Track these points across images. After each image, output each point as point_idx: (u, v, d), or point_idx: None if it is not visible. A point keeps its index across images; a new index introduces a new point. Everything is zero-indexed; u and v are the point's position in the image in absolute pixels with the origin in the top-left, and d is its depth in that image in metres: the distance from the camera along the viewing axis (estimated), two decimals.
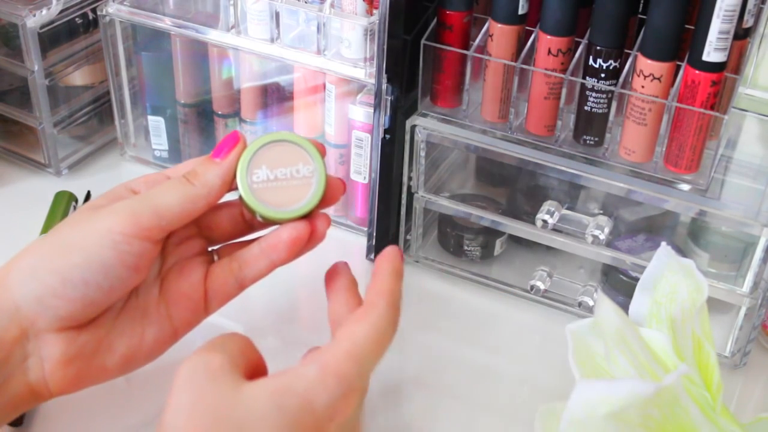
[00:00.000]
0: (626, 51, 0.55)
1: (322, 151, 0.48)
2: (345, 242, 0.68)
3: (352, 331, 0.41)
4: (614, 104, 0.56)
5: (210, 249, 0.50)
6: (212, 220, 0.49)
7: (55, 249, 0.43)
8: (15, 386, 0.43)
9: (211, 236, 0.50)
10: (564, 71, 0.56)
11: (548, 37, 0.55)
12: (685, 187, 0.55)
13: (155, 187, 0.46)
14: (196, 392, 0.38)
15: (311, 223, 0.47)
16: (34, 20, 0.66)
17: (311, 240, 0.47)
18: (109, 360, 0.45)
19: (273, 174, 0.46)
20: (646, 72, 0.53)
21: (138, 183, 0.49)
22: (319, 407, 0.38)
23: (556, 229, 0.60)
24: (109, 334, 0.45)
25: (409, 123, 0.60)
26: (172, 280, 0.48)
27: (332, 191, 0.48)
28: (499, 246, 0.65)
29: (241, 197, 0.47)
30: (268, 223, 0.48)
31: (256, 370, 0.42)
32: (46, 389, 0.44)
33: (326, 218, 0.48)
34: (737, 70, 0.54)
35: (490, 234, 0.63)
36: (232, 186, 0.47)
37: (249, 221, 0.50)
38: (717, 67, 0.51)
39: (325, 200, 0.47)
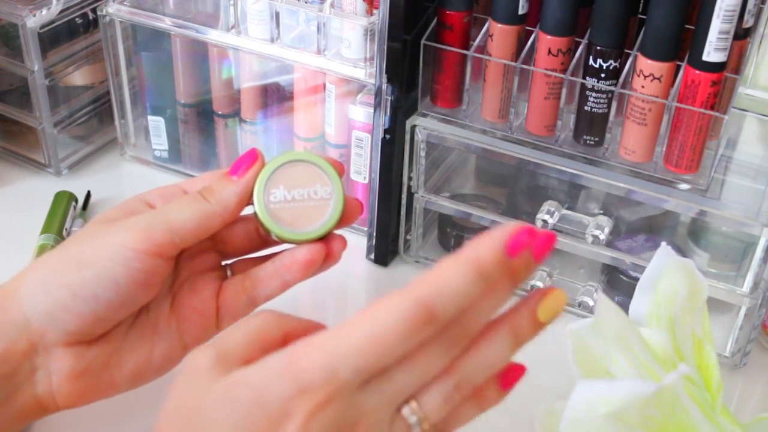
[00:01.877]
0: (626, 51, 0.55)
1: (340, 171, 0.47)
2: None
3: (347, 321, 0.36)
4: (614, 104, 0.56)
5: (223, 264, 0.50)
6: (227, 235, 0.49)
7: (67, 263, 0.43)
8: (23, 399, 0.43)
9: (225, 250, 0.49)
10: (564, 71, 0.56)
11: (548, 37, 0.55)
12: (685, 187, 0.55)
13: (170, 203, 0.45)
14: (174, 393, 0.37)
15: (327, 245, 0.46)
16: (34, 20, 0.66)
17: (326, 261, 0.47)
18: (118, 375, 0.45)
19: (290, 194, 0.46)
20: (646, 72, 0.53)
21: (153, 196, 0.47)
22: (270, 403, 0.34)
23: (556, 229, 0.60)
24: (119, 349, 0.45)
25: (409, 123, 0.60)
26: (184, 296, 0.47)
27: (349, 213, 0.47)
28: None
29: (257, 216, 0.46)
30: (283, 241, 0.48)
31: (285, 343, 0.38)
32: (53, 402, 0.44)
33: (342, 240, 0.47)
34: (737, 70, 0.54)
35: None
36: (248, 203, 0.46)
37: (264, 237, 0.49)
38: (717, 67, 0.51)
39: (341, 222, 0.47)
